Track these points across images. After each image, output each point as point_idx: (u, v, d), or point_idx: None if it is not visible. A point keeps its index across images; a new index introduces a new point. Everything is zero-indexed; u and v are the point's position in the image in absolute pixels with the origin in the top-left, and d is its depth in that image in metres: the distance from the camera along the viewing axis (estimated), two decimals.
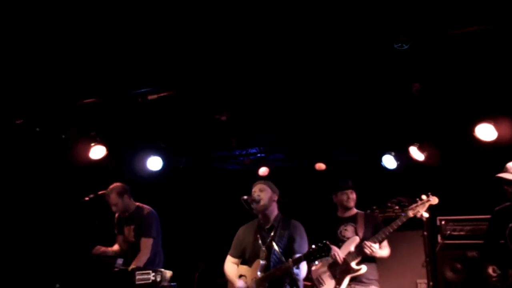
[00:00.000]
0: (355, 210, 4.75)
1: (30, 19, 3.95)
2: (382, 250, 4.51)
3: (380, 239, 4.46)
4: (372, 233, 4.53)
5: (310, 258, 3.77)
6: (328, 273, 4.55)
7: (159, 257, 5.11)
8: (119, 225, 5.26)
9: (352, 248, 4.48)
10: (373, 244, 4.38)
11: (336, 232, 4.64)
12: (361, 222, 4.62)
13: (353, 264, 4.42)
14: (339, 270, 4.48)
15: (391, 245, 4.66)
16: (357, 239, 4.52)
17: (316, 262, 4.36)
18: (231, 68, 4.74)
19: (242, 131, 6.43)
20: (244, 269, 4.17)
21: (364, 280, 4.45)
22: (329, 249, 3.72)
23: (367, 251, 4.36)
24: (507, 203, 4.02)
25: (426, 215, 4.62)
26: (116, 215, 5.28)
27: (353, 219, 4.68)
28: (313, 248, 3.72)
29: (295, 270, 3.81)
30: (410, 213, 4.55)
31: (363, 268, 4.40)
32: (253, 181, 4.31)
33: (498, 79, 4.63)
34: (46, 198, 6.40)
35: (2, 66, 4.57)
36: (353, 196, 4.70)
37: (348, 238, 4.58)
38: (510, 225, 3.85)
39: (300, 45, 4.32)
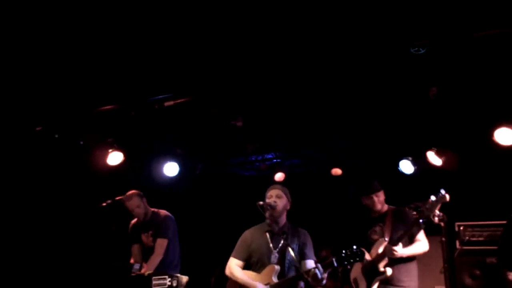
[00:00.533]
0: (385, 208, 4.66)
1: (49, 26, 4.01)
2: (412, 247, 4.39)
3: (400, 240, 4.32)
4: (402, 230, 4.41)
5: (343, 262, 3.76)
6: (361, 275, 4.51)
7: (178, 260, 5.13)
8: (135, 233, 5.27)
9: (379, 250, 4.40)
10: (394, 248, 4.28)
11: (367, 234, 4.59)
12: (389, 222, 4.53)
13: (380, 267, 4.35)
14: (369, 273, 4.43)
15: None
16: (383, 241, 4.43)
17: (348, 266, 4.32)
18: (247, 74, 4.75)
19: (257, 137, 6.43)
20: (250, 274, 4.07)
21: (393, 283, 4.36)
22: (363, 254, 3.73)
23: (390, 254, 4.28)
24: None
25: (438, 213, 4.47)
26: (131, 224, 5.30)
27: (381, 219, 4.59)
28: (346, 253, 3.72)
29: (323, 275, 3.76)
30: (426, 214, 4.45)
31: (388, 271, 4.31)
32: (269, 186, 4.30)
33: None
34: (64, 204, 6.47)
35: (21, 73, 4.64)
36: (379, 198, 4.61)
37: (375, 241, 4.51)
38: None
39: (317, 50, 4.32)
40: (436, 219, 4.63)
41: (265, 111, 5.68)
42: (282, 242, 3.99)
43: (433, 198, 4.37)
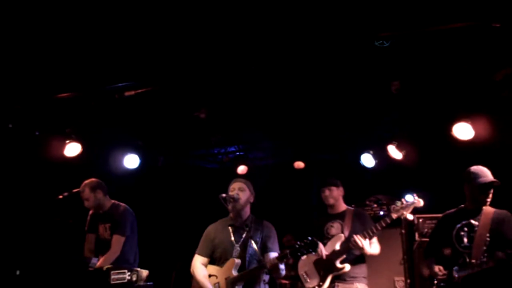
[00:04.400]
0: (344, 207, 4.69)
1: (2, 11, 3.83)
2: (371, 246, 4.42)
3: (368, 236, 4.35)
4: (360, 230, 4.45)
5: (296, 254, 3.74)
6: (313, 270, 4.50)
7: (135, 256, 5.02)
8: (92, 223, 5.15)
9: (337, 247, 4.42)
10: (361, 239, 4.29)
11: (322, 229, 4.60)
12: (349, 219, 4.56)
13: (337, 263, 4.37)
14: (323, 268, 4.44)
15: None
16: (342, 237, 4.46)
17: (303, 257, 4.37)
18: (211, 64, 4.69)
19: (221, 129, 6.38)
20: (213, 269, 4.08)
21: (347, 278, 4.39)
22: (316, 245, 3.71)
23: (355, 245, 4.28)
24: (454, 209, 4.08)
25: (410, 217, 4.55)
26: (90, 212, 5.18)
27: (341, 216, 4.62)
28: (300, 244, 3.70)
29: (280, 266, 3.78)
30: (394, 215, 4.49)
31: (347, 267, 4.35)
32: (231, 180, 4.26)
33: (476, 78, 4.68)
34: (20, 197, 6.26)
35: None
36: (332, 193, 4.64)
37: (332, 236, 4.53)
38: (458, 226, 3.90)
39: (279, 42, 4.30)
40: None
41: (229, 103, 5.63)
42: (244, 235, 4.00)
43: (407, 200, 4.42)
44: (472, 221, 3.87)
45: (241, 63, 4.66)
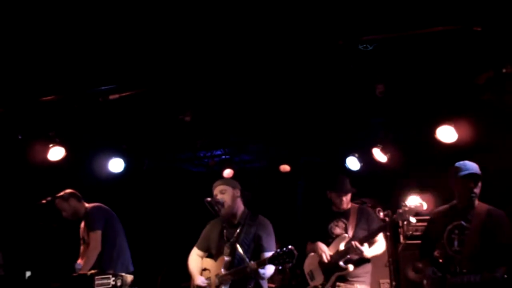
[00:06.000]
0: (349, 205, 4.64)
1: None
2: (372, 248, 4.42)
3: (366, 240, 4.34)
4: (365, 229, 4.44)
5: (274, 262, 3.71)
6: (318, 269, 4.50)
7: (118, 253, 4.94)
8: (82, 236, 5.12)
9: (341, 247, 4.39)
10: (359, 246, 4.26)
11: (326, 228, 4.57)
12: (353, 218, 4.52)
13: (341, 263, 4.35)
14: (327, 267, 4.42)
15: None
16: (346, 237, 4.43)
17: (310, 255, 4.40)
18: (197, 67, 4.67)
19: (207, 132, 6.36)
20: (209, 262, 4.10)
21: (349, 278, 4.38)
22: (293, 256, 3.62)
23: (354, 250, 4.27)
24: (446, 205, 3.97)
25: (413, 220, 4.45)
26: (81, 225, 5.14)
27: (345, 215, 4.58)
28: (278, 253, 3.66)
29: (261, 270, 3.77)
30: (399, 221, 4.44)
31: (350, 267, 4.33)
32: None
33: (458, 81, 4.73)
34: (2, 201, 6.17)
35: None
36: (348, 199, 4.61)
37: (336, 236, 4.50)
38: (449, 228, 3.81)
39: (263, 45, 4.30)
40: (381, 214, 4.69)
41: (214, 106, 5.61)
42: (236, 234, 3.99)
43: (410, 204, 4.27)
44: (463, 223, 3.75)
45: (227, 66, 4.66)
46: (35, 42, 4.15)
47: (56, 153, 5.73)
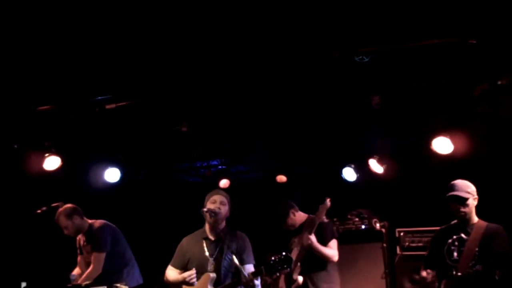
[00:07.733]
0: (303, 218, 4.74)
1: None
2: (326, 248, 4.48)
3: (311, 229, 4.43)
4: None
5: (271, 270, 3.68)
6: (284, 285, 4.54)
7: (128, 268, 4.93)
8: (79, 246, 5.08)
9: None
10: (309, 236, 4.35)
11: (287, 245, 4.68)
12: (302, 231, 4.59)
13: (294, 275, 4.40)
14: (288, 282, 4.48)
15: (351, 256, 4.65)
16: (296, 250, 4.50)
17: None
18: (194, 78, 4.68)
19: (203, 143, 6.36)
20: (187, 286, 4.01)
21: None
22: (290, 261, 3.65)
23: (306, 241, 4.34)
24: (452, 222, 4.07)
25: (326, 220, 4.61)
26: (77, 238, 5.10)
27: (298, 230, 4.68)
28: (274, 261, 3.64)
29: (256, 282, 3.75)
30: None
31: (299, 279, 4.39)
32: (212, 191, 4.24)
33: (454, 93, 4.76)
34: None
35: None
36: (292, 220, 4.70)
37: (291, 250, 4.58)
38: (449, 241, 3.93)
39: (260, 56, 4.32)
40: (378, 225, 4.73)
41: (211, 117, 5.62)
42: (218, 249, 3.96)
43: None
44: (463, 235, 3.89)
45: (223, 77, 4.67)
46: (31, 52, 4.15)
47: (52, 162, 5.71)
